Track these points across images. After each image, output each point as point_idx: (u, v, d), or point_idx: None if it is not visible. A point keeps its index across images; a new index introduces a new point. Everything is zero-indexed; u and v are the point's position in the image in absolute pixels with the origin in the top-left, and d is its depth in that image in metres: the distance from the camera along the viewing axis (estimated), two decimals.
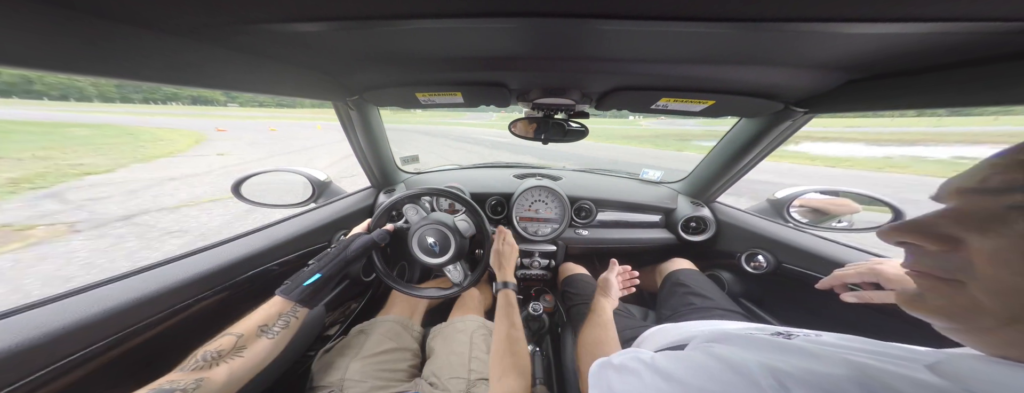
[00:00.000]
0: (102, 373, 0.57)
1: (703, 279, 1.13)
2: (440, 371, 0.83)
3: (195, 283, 0.72)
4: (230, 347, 0.53)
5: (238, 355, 0.53)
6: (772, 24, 0.43)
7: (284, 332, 0.60)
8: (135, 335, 0.61)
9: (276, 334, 0.59)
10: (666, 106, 0.89)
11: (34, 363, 0.49)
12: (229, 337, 0.54)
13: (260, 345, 0.56)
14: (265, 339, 0.57)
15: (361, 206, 1.36)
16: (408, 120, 63.05)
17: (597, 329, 0.77)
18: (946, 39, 0.44)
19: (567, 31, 0.51)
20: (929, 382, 0.27)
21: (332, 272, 0.73)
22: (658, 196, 1.46)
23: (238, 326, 0.57)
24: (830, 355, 0.32)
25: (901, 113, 0.73)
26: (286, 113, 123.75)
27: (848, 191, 1.13)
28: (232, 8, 0.43)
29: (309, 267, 0.73)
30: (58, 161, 10.33)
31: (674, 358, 0.39)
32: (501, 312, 0.82)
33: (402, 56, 0.68)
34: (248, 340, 0.55)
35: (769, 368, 0.31)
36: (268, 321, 0.60)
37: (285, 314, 0.62)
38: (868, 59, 0.56)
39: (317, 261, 0.75)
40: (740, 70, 0.67)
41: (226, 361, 0.51)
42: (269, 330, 0.59)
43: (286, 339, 0.61)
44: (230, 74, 0.58)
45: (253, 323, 0.58)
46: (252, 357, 0.54)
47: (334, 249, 0.80)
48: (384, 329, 0.95)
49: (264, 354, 0.56)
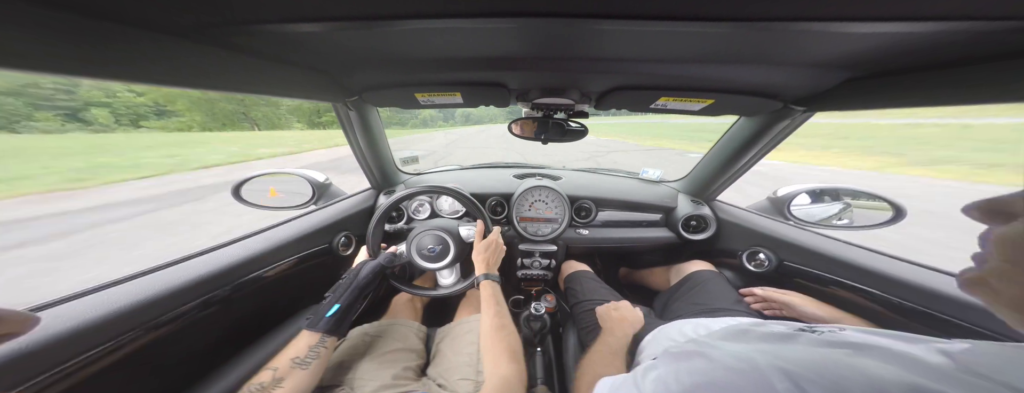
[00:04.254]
0: (103, 377, 0.57)
1: (721, 280, 1.11)
2: (448, 373, 0.83)
3: (197, 286, 0.72)
4: (269, 380, 0.57)
5: (278, 387, 0.57)
6: (771, 23, 0.43)
7: (317, 363, 0.64)
8: (137, 338, 0.61)
9: (309, 365, 0.62)
10: (665, 105, 0.89)
11: (36, 367, 0.49)
12: (267, 371, 0.59)
13: (296, 376, 0.60)
14: (300, 370, 0.61)
15: (361, 207, 1.36)
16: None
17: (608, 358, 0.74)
18: (945, 37, 0.44)
19: (566, 31, 0.50)
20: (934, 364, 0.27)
21: (350, 301, 0.77)
22: (658, 195, 1.46)
23: (274, 361, 0.62)
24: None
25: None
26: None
27: (848, 188, 1.13)
28: (231, 9, 0.43)
29: (326, 299, 0.77)
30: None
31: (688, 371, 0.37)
32: (485, 303, 0.83)
33: (401, 56, 0.68)
34: (284, 373, 0.59)
35: (780, 369, 0.30)
36: (299, 354, 0.63)
37: (314, 346, 0.66)
38: (867, 57, 0.56)
39: (333, 293, 0.79)
40: (739, 69, 0.67)
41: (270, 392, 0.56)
42: (302, 362, 0.62)
43: (320, 369, 0.65)
44: (229, 75, 0.58)
45: (287, 357, 0.62)
46: (292, 388, 0.58)
47: (346, 279, 0.83)
48: (391, 331, 0.95)
49: (302, 385, 0.60)
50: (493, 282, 0.89)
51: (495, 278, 0.91)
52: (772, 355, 0.33)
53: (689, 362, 0.38)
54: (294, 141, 30.97)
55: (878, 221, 1.05)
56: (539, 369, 1.03)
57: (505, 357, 0.68)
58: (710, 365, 0.36)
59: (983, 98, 0.51)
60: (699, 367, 0.36)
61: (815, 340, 0.38)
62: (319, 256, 1.11)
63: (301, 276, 1.04)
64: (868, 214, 1.09)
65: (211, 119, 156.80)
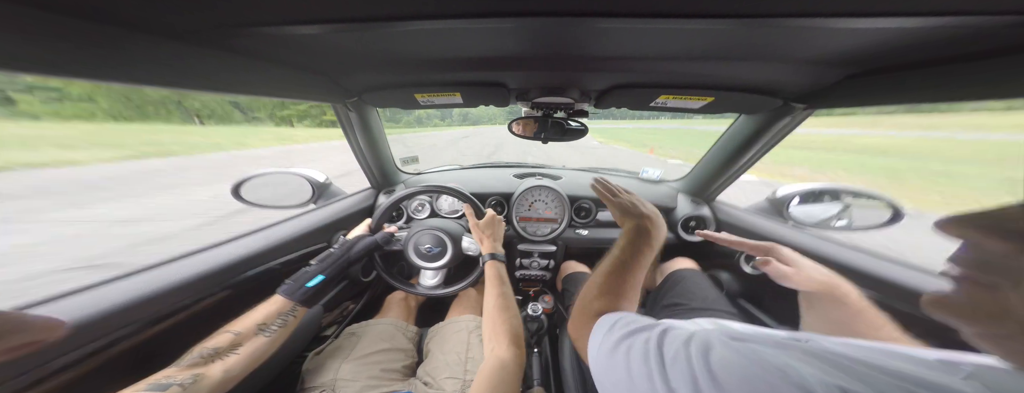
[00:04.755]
0: (100, 372, 0.56)
1: (703, 279, 1.12)
2: (435, 371, 0.82)
3: (195, 283, 0.72)
4: (227, 344, 0.54)
5: (234, 352, 0.54)
6: (770, 20, 0.43)
7: (281, 331, 0.61)
8: (134, 334, 0.61)
9: (273, 332, 0.60)
10: (665, 103, 0.89)
11: (31, 361, 0.49)
12: (226, 335, 0.55)
13: (256, 343, 0.57)
14: (262, 337, 0.58)
15: (361, 207, 1.36)
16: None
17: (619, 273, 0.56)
18: (945, 33, 0.44)
19: (565, 30, 0.51)
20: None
21: (334, 273, 0.74)
22: (658, 195, 1.46)
23: (236, 324, 0.58)
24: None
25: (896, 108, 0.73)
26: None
27: (848, 189, 1.13)
28: (230, 11, 0.43)
29: (311, 267, 0.74)
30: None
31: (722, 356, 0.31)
32: (491, 282, 0.82)
33: (400, 57, 0.68)
34: (245, 338, 0.56)
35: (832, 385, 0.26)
36: (267, 320, 0.60)
37: (284, 313, 0.63)
38: (867, 54, 0.56)
39: (320, 262, 0.76)
40: (739, 66, 0.67)
41: (222, 358, 0.53)
42: (267, 328, 0.59)
43: (283, 338, 0.62)
44: (228, 77, 0.58)
45: (252, 321, 0.59)
46: (248, 355, 0.55)
47: (337, 250, 0.80)
48: (377, 331, 0.94)
49: (260, 352, 0.57)
50: (499, 262, 0.88)
51: (501, 257, 0.90)
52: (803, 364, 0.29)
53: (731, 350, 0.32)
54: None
55: (877, 222, 1.04)
56: (536, 370, 1.02)
57: (506, 339, 0.66)
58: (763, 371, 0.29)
59: (984, 94, 0.50)
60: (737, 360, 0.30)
61: (809, 351, 0.33)
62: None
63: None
64: (867, 215, 1.08)
65: (126, 106, 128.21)
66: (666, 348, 0.35)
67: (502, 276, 0.84)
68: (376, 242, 0.88)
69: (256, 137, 24.13)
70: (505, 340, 0.66)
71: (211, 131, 43.08)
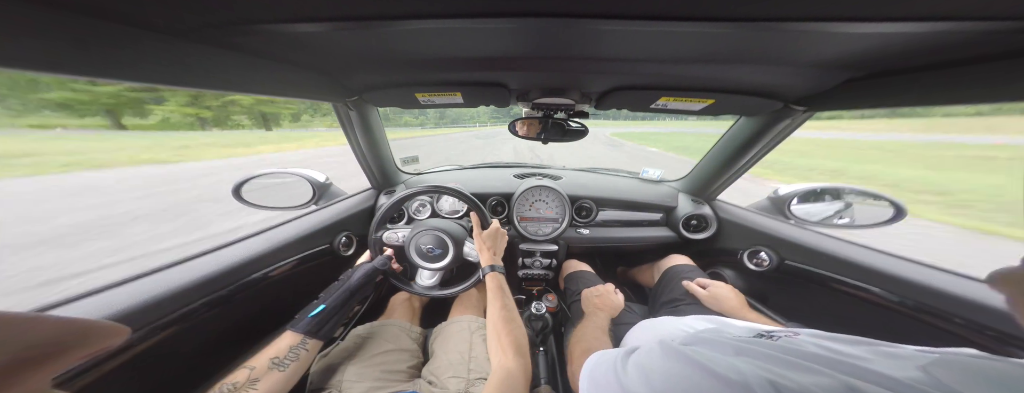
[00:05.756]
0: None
1: (698, 274, 1.14)
2: (439, 371, 0.83)
3: (199, 286, 0.72)
4: (244, 380, 0.55)
5: (252, 388, 0.55)
6: (771, 23, 0.43)
7: (295, 365, 0.63)
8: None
9: (287, 366, 0.61)
10: (666, 105, 0.89)
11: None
12: (243, 370, 0.57)
13: (272, 378, 0.58)
14: (277, 372, 0.59)
15: (362, 207, 1.36)
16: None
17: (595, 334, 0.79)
18: (945, 37, 0.44)
19: (566, 31, 0.51)
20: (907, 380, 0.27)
21: (337, 303, 0.76)
22: (659, 194, 1.46)
23: (252, 360, 0.60)
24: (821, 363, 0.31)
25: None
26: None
27: (849, 188, 1.13)
28: (232, 9, 0.43)
29: (318, 299, 0.76)
30: None
31: (650, 365, 0.38)
32: (492, 294, 0.82)
33: (401, 57, 0.68)
34: (260, 373, 0.58)
35: (769, 382, 0.29)
36: (279, 354, 0.62)
37: (295, 347, 0.65)
38: (867, 58, 0.56)
39: (325, 294, 0.78)
40: (739, 69, 0.67)
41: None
42: (281, 363, 0.61)
43: (298, 371, 0.64)
44: (229, 75, 0.58)
45: (266, 356, 0.61)
46: (267, 390, 0.57)
47: (339, 281, 0.83)
48: (382, 332, 0.95)
49: (277, 387, 0.58)
50: (499, 274, 0.89)
51: (501, 269, 0.91)
52: (759, 367, 0.31)
53: (675, 361, 0.36)
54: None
55: (879, 220, 1.05)
56: (542, 369, 1.03)
57: (512, 351, 0.67)
58: (694, 370, 0.34)
59: (982, 98, 0.51)
60: (684, 372, 0.34)
61: (779, 348, 0.36)
62: (320, 256, 1.11)
63: (303, 276, 1.04)
64: (868, 213, 1.09)
65: (219, 113, 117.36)
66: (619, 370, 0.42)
67: (503, 287, 0.85)
68: (374, 267, 0.90)
69: (313, 140, 27.49)
70: (511, 351, 0.67)
71: (276, 135, 48.19)
